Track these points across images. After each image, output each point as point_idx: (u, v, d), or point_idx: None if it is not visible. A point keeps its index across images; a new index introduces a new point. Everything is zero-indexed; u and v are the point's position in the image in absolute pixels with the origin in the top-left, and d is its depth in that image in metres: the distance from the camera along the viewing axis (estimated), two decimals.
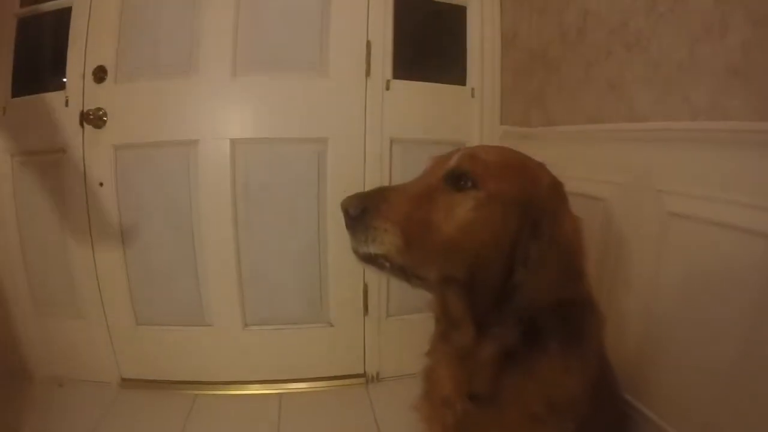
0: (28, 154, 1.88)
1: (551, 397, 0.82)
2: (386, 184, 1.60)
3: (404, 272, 0.76)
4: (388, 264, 0.75)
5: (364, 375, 2.02)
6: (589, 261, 0.82)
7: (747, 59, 1.06)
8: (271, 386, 1.96)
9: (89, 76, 1.78)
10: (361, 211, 0.74)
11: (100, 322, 1.92)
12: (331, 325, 1.98)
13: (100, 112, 1.78)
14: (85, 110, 1.79)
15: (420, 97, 1.96)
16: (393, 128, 1.91)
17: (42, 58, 1.94)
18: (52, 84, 1.85)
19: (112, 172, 1.83)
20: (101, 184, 1.83)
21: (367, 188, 0.83)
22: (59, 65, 1.83)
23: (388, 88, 1.90)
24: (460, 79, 2.04)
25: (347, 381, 2.00)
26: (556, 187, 0.83)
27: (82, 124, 1.80)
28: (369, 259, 0.76)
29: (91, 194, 1.83)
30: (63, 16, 1.82)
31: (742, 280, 1.04)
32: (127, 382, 1.96)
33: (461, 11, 2.04)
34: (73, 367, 1.98)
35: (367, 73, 1.86)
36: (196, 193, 1.84)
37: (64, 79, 1.82)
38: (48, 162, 1.86)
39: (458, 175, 0.78)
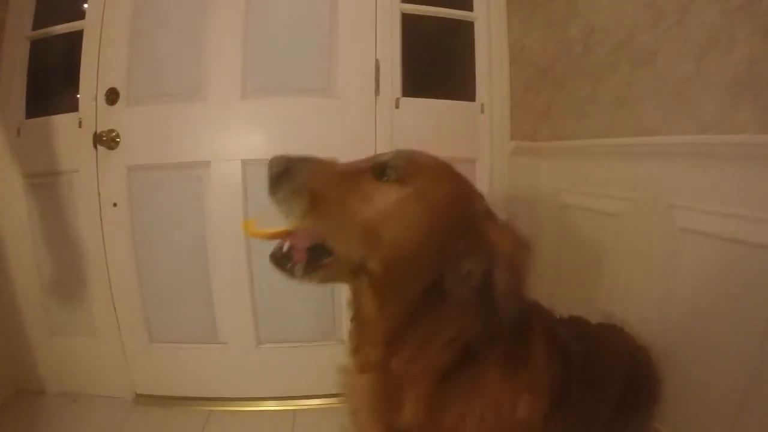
0: (42, 175, 1.90)
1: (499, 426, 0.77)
2: None
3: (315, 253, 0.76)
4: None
5: None
6: (532, 277, 0.76)
7: (754, 72, 1.06)
8: (285, 402, 1.96)
9: (102, 98, 1.80)
10: (284, 170, 0.76)
11: (115, 339, 1.94)
12: (344, 343, 1.96)
13: (113, 134, 1.80)
14: (98, 132, 1.81)
15: (429, 114, 1.95)
16: (403, 146, 1.87)
17: (55, 80, 1.96)
18: (65, 105, 1.87)
19: (125, 192, 1.84)
20: (115, 205, 1.85)
21: None
22: (72, 87, 1.85)
23: (397, 107, 1.90)
24: (469, 94, 2.03)
25: None
26: (488, 209, 0.80)
27: (95, 146, 1.82)
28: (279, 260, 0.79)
29: (105, 214, 1.85)
30: (75, 38, 1.85)
31: (753, 295, 1.03)
32: (141, 398, 1.98)
33: (469, 26, 2.03)
34: (87, 383, 1.99)
35: (376, 92, 1.87)
36: (209, 213, 1.86)
37: (78, 101, 1.84)
38: (62, 183, 1.88)
39: (387, 168, 0.78)
